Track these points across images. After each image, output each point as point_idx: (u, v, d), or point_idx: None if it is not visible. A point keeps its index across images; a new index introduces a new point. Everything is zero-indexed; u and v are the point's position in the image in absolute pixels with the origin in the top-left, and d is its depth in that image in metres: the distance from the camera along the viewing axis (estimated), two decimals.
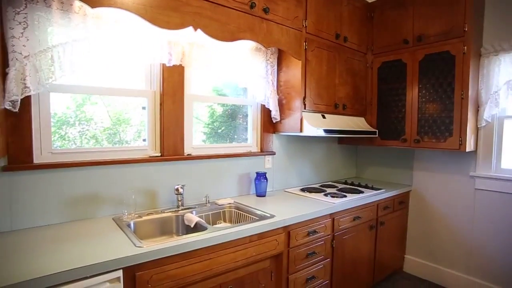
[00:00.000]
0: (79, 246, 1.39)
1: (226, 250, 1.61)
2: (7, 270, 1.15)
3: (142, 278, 1.35)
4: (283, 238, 1.88)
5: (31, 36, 1.51)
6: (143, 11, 1.62)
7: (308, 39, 2.41)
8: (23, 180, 1.60)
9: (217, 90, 2.50)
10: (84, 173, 1.77)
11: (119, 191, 1.88)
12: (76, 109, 1.89)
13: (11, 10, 1.47)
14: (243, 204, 2.18)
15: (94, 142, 1.95)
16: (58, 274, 1.15)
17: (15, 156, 1.58)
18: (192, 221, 1.82)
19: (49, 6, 1.56)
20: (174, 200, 2.05)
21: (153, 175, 2.02)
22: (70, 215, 1.74)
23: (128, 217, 1.78)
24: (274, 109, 2.52)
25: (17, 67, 1.47)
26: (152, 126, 2.07)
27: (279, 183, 2.76)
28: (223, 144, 2.50)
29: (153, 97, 2.06)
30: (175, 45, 1.97)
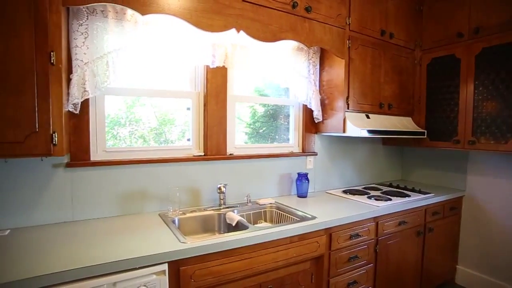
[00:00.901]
0: (129, 239, 1.48)
1: (267, 249, 1.62)
2: (71, 256, 1.27)
3: (185, 272, 1.41)
4: (324, 240, 1.85)
5: (91, 44, 1.66)
6: (188, 16, 1.69)
7: (351, 37, 2.34)
8: (81, 176, 1.75)
9: (259, 90, 2.52)
10: (133, 171, 1.89)
11: (164, 188, 1.97)
12: (126, 111, 2.02)
13: (75, 22, 1.63)
14: (284, 205, 2.17)
15: (142, 142, 2.07)
16: (114, 263, 1.24)
17: (75, 153, 1.74)
18: (233, 219, 1.86)
19: (106, 16, 1.69)
20: (216, 198, 2.11)
21: (197, 173, 2.09)
22: (121, 209, 1.87)
23: (172, 213, 1.87)
24: (316, 109, 2.48)
25: (78, 73, 1.62)
26: (196, 126, 2.14)
27: (321, 184, 2.72)
28: (265, 144, 2.52)
29: (197, 98, 2.13)
30: (218, 47, 2.03)
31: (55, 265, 1.19)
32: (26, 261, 1.23)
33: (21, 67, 1.30)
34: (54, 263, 1.22)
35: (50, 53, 1.35)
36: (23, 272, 1.14)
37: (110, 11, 1.69)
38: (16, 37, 1.28)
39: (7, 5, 1.27)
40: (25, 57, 1.30)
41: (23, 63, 1.30)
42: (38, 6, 1.32)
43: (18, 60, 1.29)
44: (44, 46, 1.33)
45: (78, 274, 1.18)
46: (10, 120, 1.29)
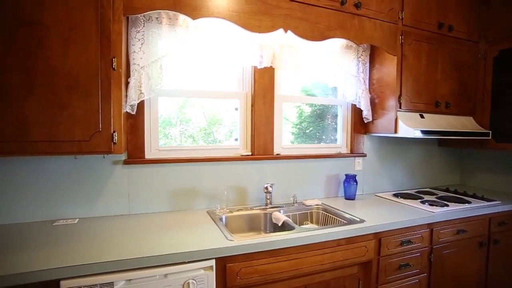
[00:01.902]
0: (180, 234, 1.56)
1: (313, 251, 1.60)
2: (129, 246, 1.37)
3: (232, 269, 1.44)
4: (373, 245, 1.77)
5: (146, 49, 1.77)
6: (237, 18, 1.72)
7: (404, 32, 2.22)
8: (137, 173, 1.88)
9: (306, 90, 2.49)
10: (183, 169, 1.98)
11: (212, 187, 2.04)
12: (177, 111, 2.12)
13: (134, 30, 1.76)
14: (331, 207, 2.13)
15: (192, 141, 2.16)
16: (166, 256, 1.32)
17: (132, 152, 1.87)
18: (279, 219, 1.86)
19: (160, 23, 1.80)
20: (262, 198, 2.13)
21: (244, 173, 2.13)
22: (172, 205, 1.97)
23: (220, 211, 1.93)
24: (366, 109, 2.39)
25: (135, 77, 1.75)
26: (243, 126, 2.18)
27: (370, 186, 2.61)
28: (311, 144, 2.49)
29: (245, 98, 2.17)
30: (266, 47, 2.04)
31: (116, 254, 1.30)
32: (93, 247, 1.36)
33: (88, 73, 1.43)
34: (115, 251, 1.32)
35: (112, 59, 1.47)
36: (92, 257, 1.26)
37: (164, 18, 1.79)
38: (86, 46, 1.42)
39: (82, 19, 1.41)
40: (92, 64, 1.43)
41: (90, 69, 1.43)
42: (103, 17, 1.44)
43: (86, 67, 1.43)
44: (107, 53, 1.46)
45: (135, 264, 1.27)
46: (79, 120, 1.43)
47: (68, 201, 1.76)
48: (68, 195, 1.76)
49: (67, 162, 1.75)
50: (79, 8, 1.41)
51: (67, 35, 1.40)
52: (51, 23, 1.37)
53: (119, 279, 1.25)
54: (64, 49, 1.40)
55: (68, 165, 1.75)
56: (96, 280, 1.23)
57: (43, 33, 1.37)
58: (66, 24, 1.40)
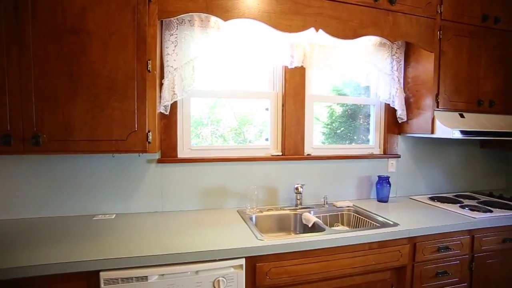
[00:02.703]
0: (210, 232, 1.59)
1: (344, 254, 1.57)
2: (161, 243, 1.42)
3: (262, 269, 1.45)
4: (407, 250, 1.70)
5: (179, 51, 1.83)
6: (267, 18, 1.73)
7: (443, 27, 2.11)
8: (170, 171, 1.94)
9: (337, 89, 2.45)
10: (214, 168, 2.02)
11: (243, 186, 2.06)
12: (208, 111, 2.16)
13: (167, 33, 1.82)
14: (363, 209, 2.07)
15: (222, 141, 2.19)
16: (198, 253, 1.35)
17: (165, 151, 1.93)
18: (310, 220, 1.85)
19: (193, 25, 1.84)
20: (293, 198, 2.12)
21: (274, 173, 2.13)
22: (203, 203, 2.01)
23: (250, 210, 1.94)
24: (400, 108, 2.30)
25: (169, 78, 1.81)
26: (274, 126, 2.19)
27: (404, 189, 2.51)
28: (343, 145, 2.44)
29: (276, 98, 2.17)
30: (296, 47, 2.03)
31: (150, 249, 1.35)
32: (129, 242, 1.43)
33: (125, 75, 1.50)
34: (149, 247, 1.38)
35: (147, 62, 1.53)
36: (128, 251, 1.32)
37: (196, 20, 1.84)
38: (123, 50, 1.49)
39: (120, 24, 1.49)
40: (129, 67, 1.50)
41: (127, 72, 1.50)
42: (140, 22, 1.51)
43: (124, 69, 1.50)
44: (143, 56, 1.52)
45: (168, 259, 1.32)
46: (116, 121, 1.50)
47: (106, 197, 1.86)
48: (106, 191, 1.86)
49: (105, 160, 1.84)
50: (117, 14, 1.48)
51: (107, 40, 1.48)
52: (93, 29, 1.46)
53: (153, 274, 1.30)
54: (104, 53, 1.48)
55: (106, 163, 1.85)
56: (132, 273, 1.28)
57: (86, 39, 1.45)
58: (106, 29, 1.47)
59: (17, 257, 1.26)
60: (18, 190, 1.76)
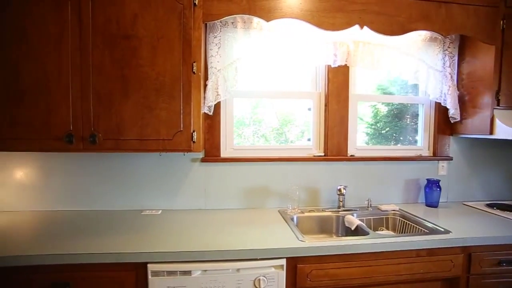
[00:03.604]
0: (252, 231, 1.61)
1: (389, 260, 1.50)
2: (204, 239, 1.47)
3: (302, 270, 1.43)
4: (461, 261, 1.58)
5: (223, 53, 1.88)
6: (310, 17, 1.71)
7: (508, 15, 1.91)
8: (213, 170, 2.00)
9: (383, 88, 2.35)
10: (256, 168, 2.04)
11: (284, 186, 2.06)
12: (250, 112, 2.19)
13: (211, 35, 1.88)
14: (410, 213, 1.96)
15: (264, 141, 2.21)
16: (240, 251, 1.38)
17: (209, 150, 2.00)
18: (353, 223, 1.79)
19: (236, 27, 1.88)
20: (335, 200, 2.07)
21: (316, 173, 2.11)
22: (245, 202, 2.04)
23: (291, 211, 1.93)
24: (453, 107, 2.14)
25: (213, 79, 1.87)
26: (316, 126, 2.15)
27: (456, 194, 2.33)
28: (388, 146, 2.33)
29: (318, 98, 2.14)
30: (340, 45, 1.98)
31: (194, 245, 1.40)
32: (174, 237, 1.50)
33: (172, 77, 1.58)
34: (193, 243, 1.43)
35: (192, 64, 1.58)
36: (173, 246, 1.39)
37: (239, 22, 1.87)
38: (170, 53, 1.57)
39: (167, 29, 1.56)
40: (175, 69, 1.57)
41: (174, 74, 1.57)
42: (185, 26, 1.57)
43: (171, 72, 1.57)
44: (189, 58, 1.58)
45: (210, 256, 1.36)
46: (163, 121, 1.58)
47: (154, 194, 1.97)
48: (153, 188, 1.96)
49: (153, 158, 1.95)
50: (165, 20, 1.56)
51: (155, 44, 1.56)
52: (143, 34, 1.55)
53: (196, 269, 1.35)
54: (152, 57, 1.56)
55: (154, 161, 1.95)
56: (177, 267, 1.34)
57: (137, 44, 1.55)
58: (154, 34, 1.56)
59: (78, 244, 1.38)
60: (77, 184, 1.93)
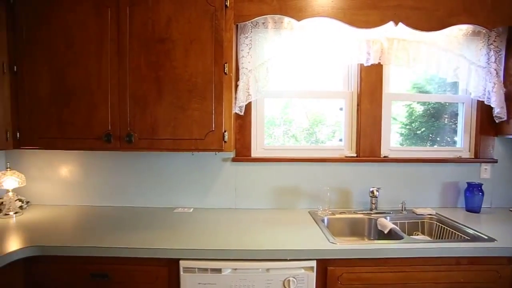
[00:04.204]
0: (282, 231, 1.60)
1: (425, 266, 1.43)
2: (234, 238, 1.49)
3: (333, 273, 1.41)
4: (508, 272, 1.46)
5: (254, 53, 1.89)
6: (342, 15, 1.68)
7: None
8: (243, 170, 2.02)
9: (418, 87, 2.25)
10: (286, 168, 2.03)
11: (315, 187, 2.03)
12: (281, 112, 2.18)
13: (242, 36, 1.90)
14: (448, 218, 1.86)
15: (294, 141, 2.19)
16: (270, 251, 1.38)
17: (239, 150, 2.02)
18: (386, 227, 1.73)
19: (266, 27, 1.89)
20: (367, 202, 2.01)
21: (348, 175, 2.06)
22: (275, 203, 2.04)
23: (322, 212, 1.90)
24: (499, 106, 2.00)
25: (244, 80, 1.88)
26: (348, 126, 2.11)
27: (501, 199, 2.17)
28: (423, 147, 2.23)
29: (350, 97, 2.09)
30: (373, 43, 1.92)
31: (224, 243, 1.42)
32: (205, 235, 1.53)
33: (204, 78, 1.61)
34: (223, 241, 1.45)
35: (224, 65, 1.61)
36: (205, 244, 1.42)
37: (270, 22, 1.87)
38: (202, 55, 1.61)
39: (200, 31, 1.60)
40: (207, 70, 1.61)
41: (206, 75, 1.61)
42: (217, 27, 1.61)
43: (202, 73, 1.61)
44: (220, 59, 1.61)
45: (240, 255, 1.37)
46: (196, 121, 1.63)
47: (185, 192, 2.02)
48: (185, 187, 2.02)
49: (185, 158, 2.00)
50: (198, 22, 1.60)
51: (188, 46, 1.61)
52: (176, 37, 1.60)
53: (226, 267, 1.37)
54: (185, 59, 1.61)
55: (186, 160, 2.01)
56: (207, 264, 1.37)
57: (171, 47, 1.60)
58: (187, 37, 1.61)
59: (116, 238, 1.46)
60: (114, 181, 2.03)
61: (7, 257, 1.29)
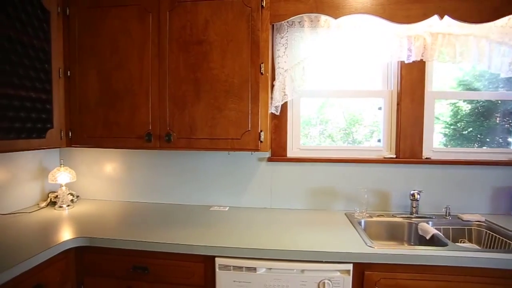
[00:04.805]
0: (317, 233, 1.58)
1: (471, 277, 1.33)
2: (269, 238, 1.49)
3: (370, 278, 1.36)
4: None
5: (290, 53, 1.89)
6: (381, 11, 1.62)
7: None
8: (279, 170, 2.02)
9: (465, 84, 2.10)
10: (322, 168, 2.00)
11: (351, 189, 1.98)
12: (317, 111, 2.15)
13: (278, 36, 1.90)
14: (500, 226, 1.72)
15: (330, 141, 2.15)
16: (304, 252, 1.37)
17: (275, 150, 2.02)
18: (428, 232, 1.64)
19: (302, 26, 1.87)
20: (407, 205, 1.92)
21: (386, 176, 1.98)
22: (310, 203, 2.02)
23: (359, 214, 1.85)
24: None
25: (280, 80, 1.88)
26: (388, 126, 2.03)
27: None
28: (471, 148, 2.08)
29: (390, 96, 2.01)
30: (415, 39, 1.82)
31: (259, 243, 1.43)
32: (240, 234, 1.55)
33: (241, 78, 1.63)
34: (258, 240, 1.46)
35: (260, 65, 1.62)
36: (240, 242, 1.44)
37: (306, 21, 1.85)
38: (239, 55, 1.63)
39: (236, 32, 1.63)
40: (244, 70, 1.63)
41: (242, 75, 1.63)
42: (253, 28, 1.62)
43: (239, 73, 1.63)
44: (257, 59, 1.62)
45: (275, 254, 1.37)
46: (232, 121, 1.65)
47: (221, 191, 2.06)
48: (221, 185, 2.06)
49: (221, 157, 2.04)
50: (234, 24, 1.63)
51: (225, 47, 1.63)
52: (213, 39, 1.64)
53: (261, 266, 1.38)
54: (222, 59, 1.64)
55: (222, 160, 2.05)
56: (242, 263, 1.39)
57: (208, 48, 1.64)
58: (224, 38, 1.63)
59: (155, 233, 1.52)
60: (153, 179, 2.13)
61: (61, 246, 1.42)
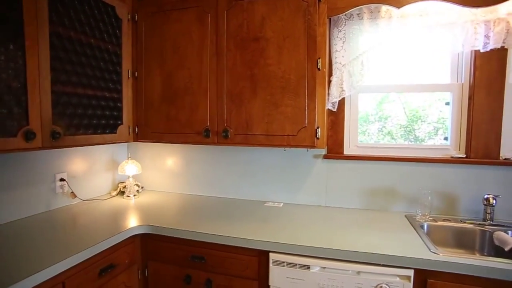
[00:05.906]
0: (374, 234, 1.51)
1: None
2: (323, 236, 1.47)
3: (434, 286, 1.27)
4: None
5: (347, 47, 1.82)
6: None
7: None
8: (335, 167, 1.97)
9: None
10: (381, 167, 1.90)
11: (413, 189, 1.85)
12: (376, 107, 2.04)
13: (335, 30, 1.85)
14: None
15: (390, 138, 2.03)
16: (361, 253, 1.32)
17: (331, 147, 1.97)
18: (506, 242, 1.46)
19: (361, 18, 1.79)
20: (478, 210, 1.74)
21: (453, 178, 1.81)
22: (367, 203, 1.94)
23: (421, 218, 1.72)
24: None
25: (337, 75, 1.83)
26: (456, 123, 1.85)
27: None
28: None
29: (460, 90, 1.82)
30: (494, 24, 1.62)
31: (313, 240, 1.42)
32: (294, 230, 1.55)
33: (297, 74, 1.62)
34: (312, 238, 1.45)
35: (317, 60, 1.59)
36: (294, 239, 1.44)
37: (365, 13, 1.76)
38: (295, 51, 1.62)
39: (292, 28, 1.62)
40: (300, 66, 1.61)
41: (299, 71, 1.62)
42: (310, 23, 1.59)
43: (295, 69, 1.62)
44: (313, 54, 1.59)
45: (330, 254, 1.35)
46: (288, 117, 1.65)
47: (276, 187, 2.08)
48: (276, 181, 2.07)
49: (277, 153, 2.05)
50: (290, 19, 1.61)
51: (281, 44, 1.63)
52: (270, 35, 1.65)
53: (315, 265, 1.36)
54: (279, 56, 1.64)
55: (278, 156, 2.05)
56: (296, 260, 1.38)
57: (264, 45, 1.66)
58: (280, 34, 1.63)
59: (213, 225, 1.59)
60: (211, 173, 2.22)
61: (129, 231, 1.56)
